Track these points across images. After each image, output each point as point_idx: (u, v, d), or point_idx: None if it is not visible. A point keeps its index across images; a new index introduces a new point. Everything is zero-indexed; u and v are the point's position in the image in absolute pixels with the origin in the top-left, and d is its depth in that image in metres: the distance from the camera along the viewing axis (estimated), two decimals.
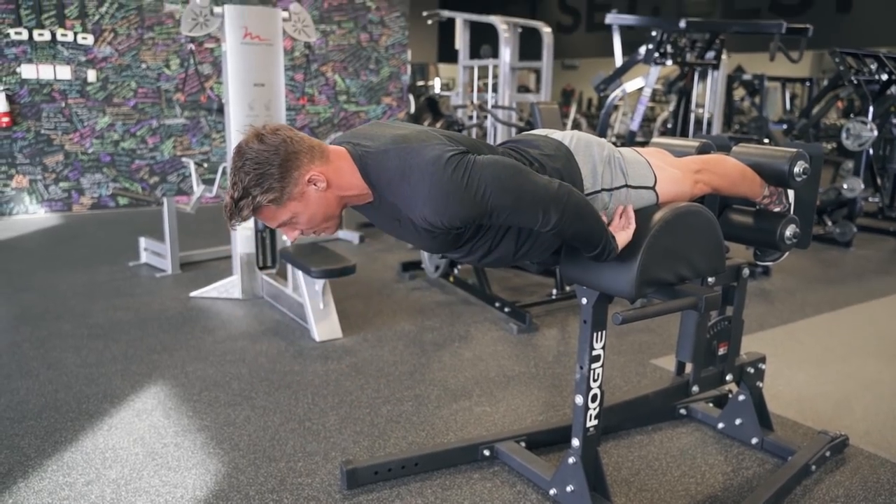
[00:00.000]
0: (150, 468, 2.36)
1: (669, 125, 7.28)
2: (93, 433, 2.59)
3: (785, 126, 7.95)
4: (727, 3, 12.22)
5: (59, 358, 3.28)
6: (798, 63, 5.38)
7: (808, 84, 10.02)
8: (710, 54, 5.71)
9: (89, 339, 3.54)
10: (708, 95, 6.27)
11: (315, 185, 1.51)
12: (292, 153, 1.48)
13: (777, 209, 2.15)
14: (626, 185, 1.80)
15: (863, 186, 6.04)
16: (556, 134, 1.86)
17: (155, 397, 2.90)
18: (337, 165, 1.54)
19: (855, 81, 6.02)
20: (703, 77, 6.22)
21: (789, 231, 2.09)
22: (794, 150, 2.04)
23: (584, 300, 2.03)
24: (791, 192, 2.19)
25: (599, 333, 2.02)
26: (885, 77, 6.20)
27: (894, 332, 3.91)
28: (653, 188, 1.82)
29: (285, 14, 4.30)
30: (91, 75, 6.86)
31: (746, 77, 8.95)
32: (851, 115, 6.58)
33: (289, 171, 1.47)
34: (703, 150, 2.19)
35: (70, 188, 6.97)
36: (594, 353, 2.02)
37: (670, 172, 1.86)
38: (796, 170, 2.03)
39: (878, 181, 6.88)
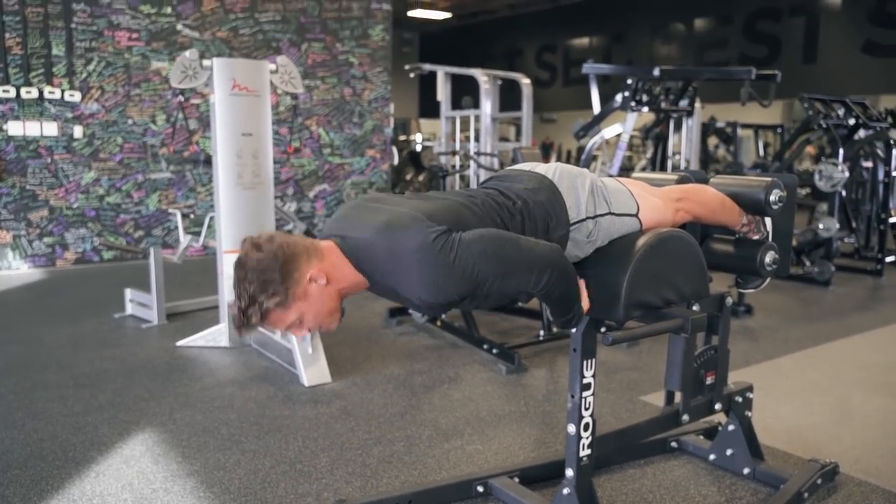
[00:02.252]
0: None
1: (647, 172, 7.45)
2: (80, 480, 2.55)
3: (759, 170, 8.16)
4: (697, 56, 12.68)
5: (44, 408, 3.24)
6: (769, 107, 5.58)
7: (779, 131, 10.34)
8: (685, 101, 5.91)
9: (75, 388, 3.50)
10: (683, 143, 6.46)
11: (316, 282, 1.57)
12: (290, 256, 1.54)
13: (756, 237, 2.22)
14: (610, 213, 1.87)
15: (838, 226, 6.19)
16: (539, 167, 1.93)
17: (143, 444, 2.87)
18: (332, 261, 1.61)
19: (824, 125, 6.24)
20: (678, 125, 6.42)
21: (769, 258, 2.16)
22: (770, 179, 2.13)
23: (574, 329, 2.07)
24: (769, 221, 2.27)
25: (589, 361, 2.05)
26: (852, 121, 6.43)
27: (877, 365, 3.97)
28: (636, 215, 1.88)
29: (272, 66, 4.41)
30: (77, 131, 6.92)
31: (720, 125, 9.22)
32: (823, 159, 6.78)
33: (290, 274, 1.53)
34: (681, 182, 2.27)
35: (54, 243, 6.96)
36: (584, 381, 2.05)
37: (652, 201, 1.93)
38: (772, 198, 2.10)
39: (853, 223, 7.07)
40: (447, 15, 15.43)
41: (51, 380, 3.62)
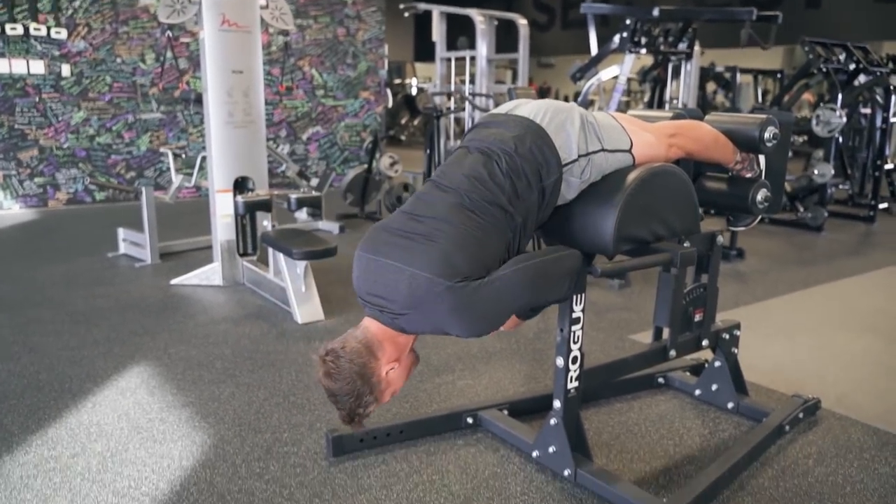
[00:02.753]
0: (136, 441, 2.37)
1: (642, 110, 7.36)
2: (76, 410, 2.59)
3: None
4: (699, 1, 12.41)
5: (40, 342, 3.27)
6: (768, 50, 5.50)
7: (779, 77, 10.21)
8: (684, 44, 5.81)
9: (70, 324, 3.52)
10: (681, 87, 6.37)
11: (392, 370, 1.70)
12: (363, 369, 1.64)
13: (749, 175, 2.22)
14: (603, 150, 1.84)
15: (833, 172, 6.18)
16: (523, 108, 1.85)
17: (138, 377, 2.91)
18: (390, 343, 1.68)
19: (824, 70, 6.16)
20: (676, 70, 6.32)
21: (761, 195, 2.16)
22: (765, 116, 2.11)
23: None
24: (762, 160, 2.26)
25: (579, 296, 2.07)
26: (852, 66, 6.35)
27: (864, 307, 4.02)
28: (629, 151, 1.86)
29: (263, 2, 4.31)
30: (65, 70, 6.80)
31: (719, 70, 9.10)
32: (821, 104, 6.72)
33: (372, 384, 1.66)
34: (676, 119, 2.25)
35: (45, 183, 6.90)
36: (574, 315, 2.07)
37: (645, 136, 1.91)
38: (766, 135, 2.09)
39: (849, 170, 7.05)
40: None
41: (45, 316, 3.64)
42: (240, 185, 4.25)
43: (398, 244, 1.64)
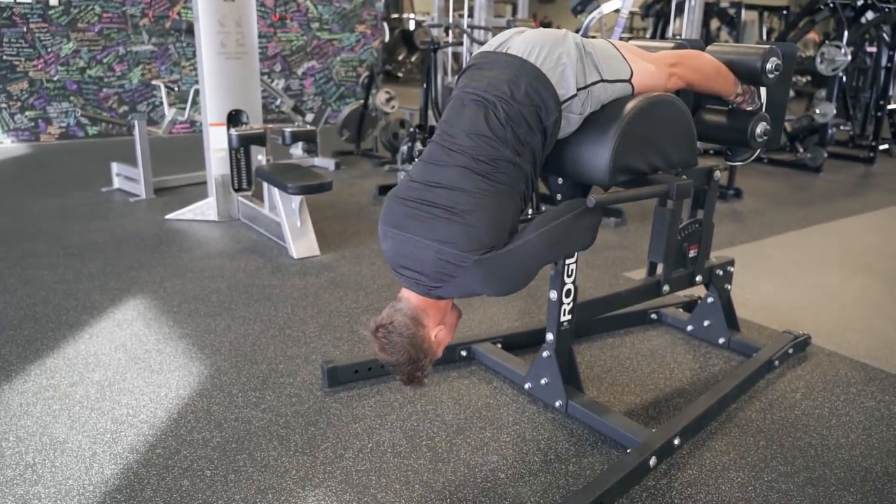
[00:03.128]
0: (134, 371, 2.40)
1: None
2: (74, 341, 2.61)
3: None
4: None
5: (36, 275, 3.27)
6: None
7: (784, 14, 9.95)
8: None
9: (65, 257, 3.52)
10: (685, 24, 6.22)
11: (440, 331, 1.75)
12: (413, 339, 1.68)
13: (749, 108, 2.18)
14: (602, 80, 1.79)
15: (834, 112, 6.10)
16: (515, 44, 1.77)
17: (135, 309, 2.92)
18: (431, 310, 1.72)
19: (831, 5, 6.01)
20: (680, 7, 6.16)
21: (760, 128, 2.13)
22: (767, 46, 2.06)
23: (559, 196, 2.07)
24: (763, 93, 2.22)
25: None
26: (860, 2, 6.20)
27: (860, 247, 4.03)
28: (629, 81, 1.82)
29: None
30: None
31: (724, 5, 8.87)
32: (826, 41, 6.58)
33: (424, 349, 1.71)
34: (677, 49, 2.19)
35: (37, 117, 6.79)
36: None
37: (644, 65, 1.86)
38: (769, 66, 2.05)
39: (851, 111, 6.96)
40: None
41: (41, 249, 3.64)
42: (234, 119, 4.19)
43: (419, 217, 1.65)
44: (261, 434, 2.04)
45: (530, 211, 4.27)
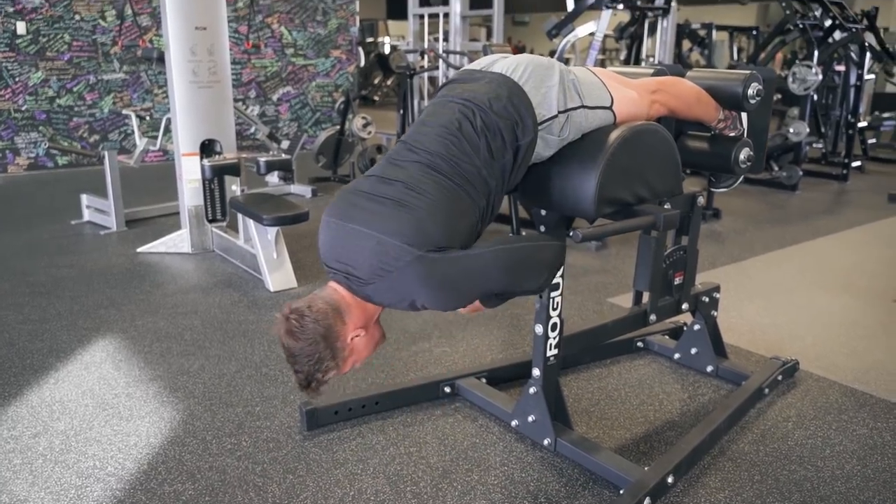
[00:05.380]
0: (101, 418, 2.28)
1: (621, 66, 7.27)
2: (38, 387, 2.49)
3: None
4: None
5: (0, 316, 3.14)
6: (745, 5, 5.40)
7: (754, 34, 10.12)
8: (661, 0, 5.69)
9: (31, 296, 3.39)
10: (658, 44, 6.26)
11: (358, 337, 1.61)
12: (328, 332, 1.54)
13: (732, 133, 2.15)
14: (583, 106, 1.75)
15: (808, 130, 6.15)
16: (498, 65, 1.75)
17: (104, 350, 2.80)
18: (356, 309, 1.59)
19: (801, 25, 6.09)
20: (652, 28, 6.20)
21: (743, 154, 2.09)
22: (748, 72, 2.04)
23: (543, 227, 2.01)
24: (745, 117, 2.19)
25: None
26: (828, 22, 6.28)
27: (840, 267, 4.03)
28: (610, 108, 1.78)
29: None
30: (20, 27, 6.49)
31: (695, 26, 8.99)
32: (797, 61, 6.67)
33: (335, 348, 1.56)
34: (657, 76, 2.16)
35: (4, 148, 6.64)
36: (553, 281, 2.01)
37: (626, 92, 1.83)
38: (750, 91, 2.02)
39: (822, 128, 7.04)
40: None
41: (5, 287, 3.50)
42: (206, 149, 4.10)
43: (367, 208, 1.53)
44: (236, 484, 1.94)
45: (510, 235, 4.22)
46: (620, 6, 5.31)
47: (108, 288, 3.52)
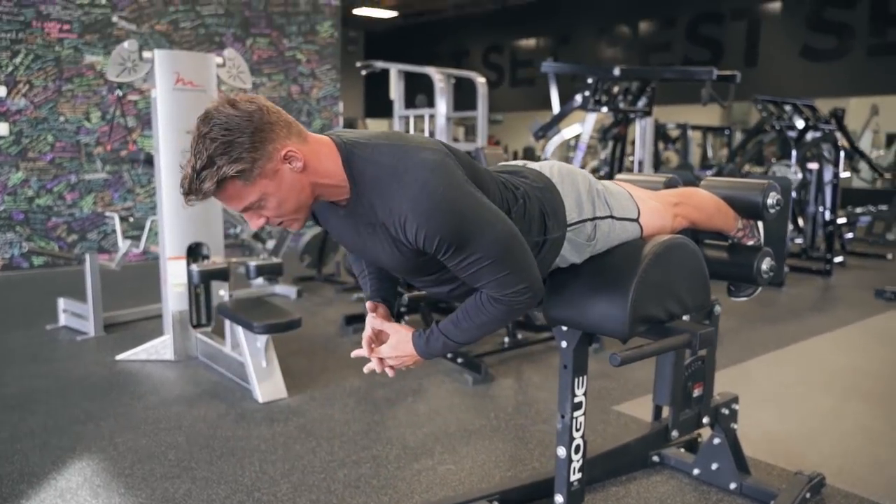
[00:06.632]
0: None
1: (601, 173, 7.42)
2: None
3: (714, 170, 8.22)
4: (643, 58, 12.77)
5: None
6: (727, 108, 5.58)
7: (726, 133, 10.47)
8: (643, 102, 5.86)
9: (1, 411, 3.17)
10: (637, 143, 6.42)
11: (290, 163, 1.32)
12: (268, 123, 1.29)
13: (750, 242, 2.11)
14: (611, 216, 1.72)
15: (792, 227, 6.24)
16: (534, 164, 1.77)
17: (80, 474, 2.58)
18: (316, 149, 1.37)
19: (777, 127, 6.29)
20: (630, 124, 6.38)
21: (766, 264, 2.04)
22: (766, 181, 2.02)
23: (565, 343, 1.91)
24: (761, 226, 2.16)
25: (581, 378, 1.90)
26: (801, 124, 6.51)
27: (842, 368, 3.96)
28: (636, 220, 1.74)
29: (220, 60, 4.14)
30: (3, 128, 6.45)
31: (671, 126, 9.29)
32: (773, 160, 6.86)
33: (262, 143, 1.28)
34: (669, 186, 2.14)
35: None
36: (576, 400, 1.90)
37: (652, 205, 1.79)
38: (770, 201, 1.99)
39: (800, 224, 7.17)
40: (393, 14, 15.16)
41: None
42: (193, 252, 3.99)
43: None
44: None
45: (506, 339, 4.11)
46: (604, 109, 5.44)
47: (85, 400, 3.31)
